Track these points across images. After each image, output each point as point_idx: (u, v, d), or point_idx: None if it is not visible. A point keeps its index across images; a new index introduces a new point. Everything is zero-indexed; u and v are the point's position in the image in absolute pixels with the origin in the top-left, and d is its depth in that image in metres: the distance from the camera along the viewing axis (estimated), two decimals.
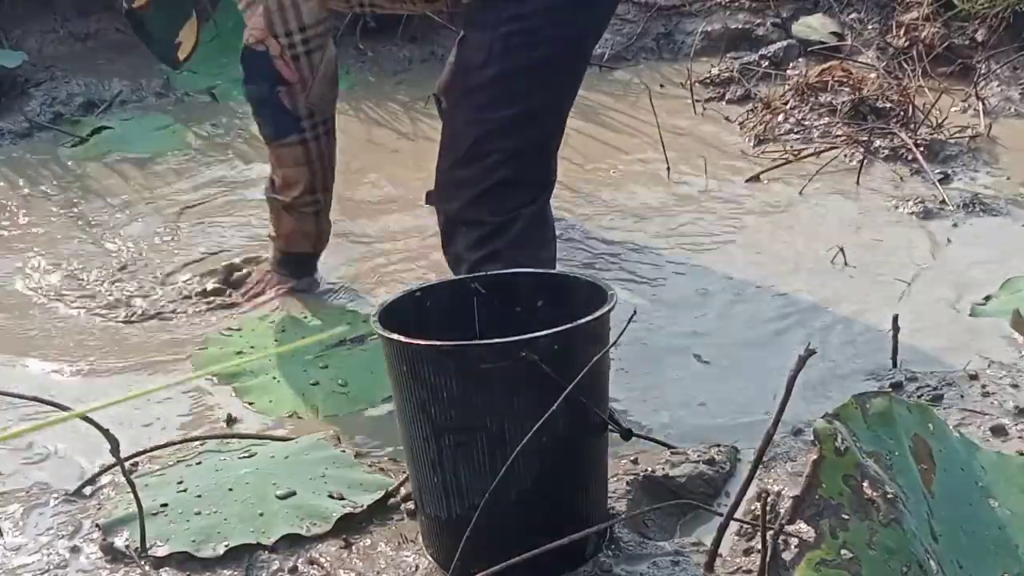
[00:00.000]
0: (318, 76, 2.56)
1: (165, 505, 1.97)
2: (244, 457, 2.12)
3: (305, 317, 2.69)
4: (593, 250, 3.00)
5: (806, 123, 3.72)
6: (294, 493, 1.98)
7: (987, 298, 2.63)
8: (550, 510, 1.76)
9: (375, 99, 4.16)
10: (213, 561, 1.86)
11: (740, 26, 4.50)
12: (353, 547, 1.88)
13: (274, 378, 2.44)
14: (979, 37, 4.08)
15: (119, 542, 1.90)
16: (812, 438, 1.47)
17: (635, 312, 1.84)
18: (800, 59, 4.25)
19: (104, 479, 2.10)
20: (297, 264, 2.82)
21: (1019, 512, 1.60)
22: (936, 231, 3.01)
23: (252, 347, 2.57)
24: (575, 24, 2.46)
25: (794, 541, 1.43)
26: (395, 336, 1.72)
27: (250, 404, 2.36)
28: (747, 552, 1.80)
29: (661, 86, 4.19)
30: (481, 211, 2.45)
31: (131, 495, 1.87)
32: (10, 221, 3.34)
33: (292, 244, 2.79)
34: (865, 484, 1.44)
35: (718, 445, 2.10)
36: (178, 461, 2.14)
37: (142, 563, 1.86)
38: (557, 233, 3.06)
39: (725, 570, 1.77)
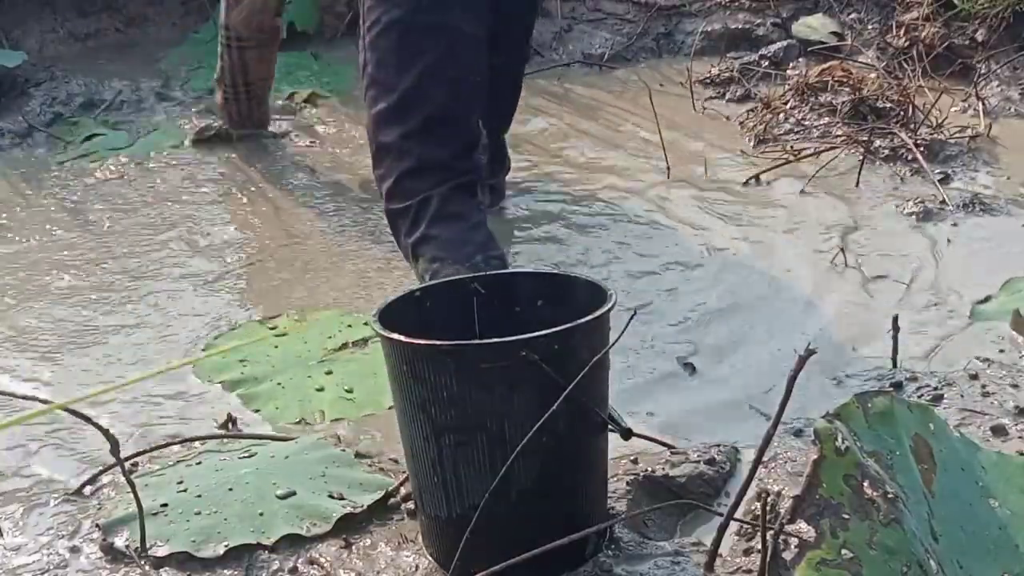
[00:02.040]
0: (241, 5, 3.48)
1: (165, 505, 1.97)
2: (244, 457, 2.12)
3: (303, 320, 2.69)
4: (592, 250, 3.00)
5: (806, 123, 3.72)
6: (294, 493, 1.98)
7: (987, 298, 2.63)
8: (550, 510, 1.76)
9: None
10: (213, 561, 1.86)
11: (740, 26, 4.50)
12: (353, 547, 1.88)
13: (279, 384, 2.43)
14: (979, 37, 4.07)
15: (119, 542, 1.90)
16: (812, 438, 1.47)
17: (635, 312, 1.83)
18: (800, 59, 4.24)
19: (104, 479, 2.10)
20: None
21: (1019, 512, 1.60)
22: (936, 231, 3.01)
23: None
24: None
25: (794, 541, 1.43)
26: (395, 336, 1.72)
27: (256, 411, 2.35)
28: (747, 552, 1.80)
29: (661, 85, 4.19)
30: (400, 200, 2.63)
31: (131, 495, 1.87)
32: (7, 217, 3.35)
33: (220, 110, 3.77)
34: (865, 484, 1.44)
35: (718, 445, 2.10)
36: (178, 461, 2.14)
37: (142, 563, 1.86)
38: (556, 233, 3.09)
39: (725, 570, 1.77)
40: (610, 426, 1.81)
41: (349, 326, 2.63)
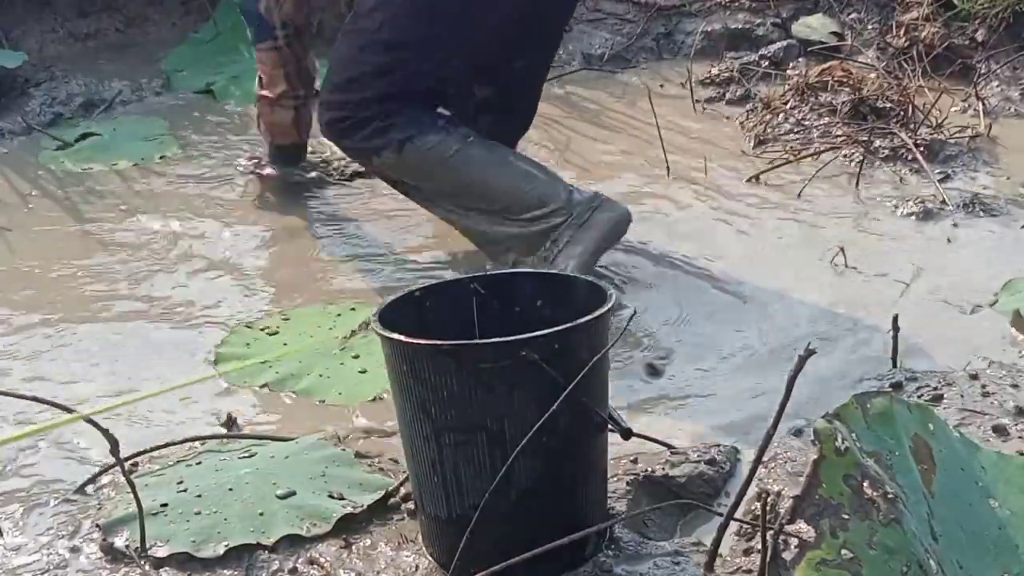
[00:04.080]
0: None
1: (165, 505, 1.97)
2: (244, 457, 2.12)
3: (288, 319, 2.68)
4: None
5: (806, 123, 3.72)
6: (294, 493, 1.98)
7: (987, 299, 2.63)
8: (550, 510, 1.76)
9: None
10: (213, 561, 1.86)
11: (740, 26, 4.50)
12: (353, 547, 1.88)
13: (320, 375, 2.43)
14: (979, 37, 4.08)
15: (119, 542, 1.90)
16: (812, 438, 1.47)
17: (635, 312, 1.84)
18: (800, 59, 4.24)
19: (104, 479, 2.10)
20: (286, 159, 3.37)
21: (1019, 512, 1.60)
22: (936, 231, 3.01)
23: (248, 346, 2.57)
24: None
25: (794, 541, 1.43)
26: (395, 335, 1.72)
27: (321, 401, 2.36)
28: (747, 552, 1.80)
29: (661, 86, 4.19)
30: (345, 140, 2.80)
31: (131, 495, 1.87)
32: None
33: (278, 137, 3.34)
34: (865, 484, 1.44)
35: (718, 445, 2.10)
36: (178, 461, 2.14)
37: (142, 563, 1.86)
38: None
39: (725, 570, 1.77)
40: (610, 426, 1.81)
41: (339, 315, 2.64)
